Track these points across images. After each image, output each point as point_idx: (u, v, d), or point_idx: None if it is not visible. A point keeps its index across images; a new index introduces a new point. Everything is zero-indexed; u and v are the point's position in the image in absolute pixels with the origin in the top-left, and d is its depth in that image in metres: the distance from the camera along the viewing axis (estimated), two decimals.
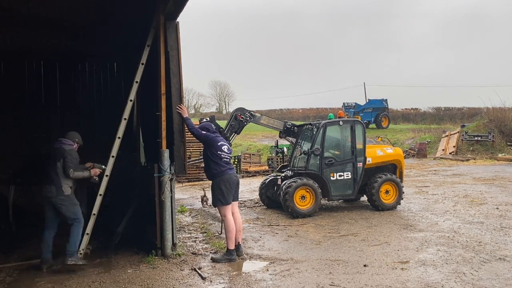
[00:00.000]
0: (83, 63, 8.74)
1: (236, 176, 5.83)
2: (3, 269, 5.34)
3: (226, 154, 5.66)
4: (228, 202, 5.56)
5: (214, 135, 5.77)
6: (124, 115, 5.85)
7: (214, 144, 5.64)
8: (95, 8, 6.01)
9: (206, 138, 5.71)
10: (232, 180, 5.62)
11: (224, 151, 5.64)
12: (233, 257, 5.53)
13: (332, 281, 4.62)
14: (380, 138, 26.64)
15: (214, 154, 5.60)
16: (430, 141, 28.19)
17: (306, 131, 9.65)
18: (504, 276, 4.62)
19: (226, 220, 5.59)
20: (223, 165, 5.60)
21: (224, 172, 5.58)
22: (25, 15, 6.14)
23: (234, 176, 5.72)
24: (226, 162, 5.65)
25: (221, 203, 5.55)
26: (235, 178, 5.72)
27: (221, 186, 5.53)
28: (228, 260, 5.48)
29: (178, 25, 5.80)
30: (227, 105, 61.59)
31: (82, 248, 5.48)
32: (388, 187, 8.90)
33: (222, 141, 5.75)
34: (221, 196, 5.52)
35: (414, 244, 6.09)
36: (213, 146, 5.64)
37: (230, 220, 5.57)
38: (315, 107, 50.41)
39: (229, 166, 5.70)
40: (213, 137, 5.71)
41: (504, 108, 28.03)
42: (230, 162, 5.79)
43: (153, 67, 5.86)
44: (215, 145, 5.63)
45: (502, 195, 10.42)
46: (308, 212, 8.40)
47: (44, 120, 8.53)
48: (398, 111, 45.91)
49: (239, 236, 5.71)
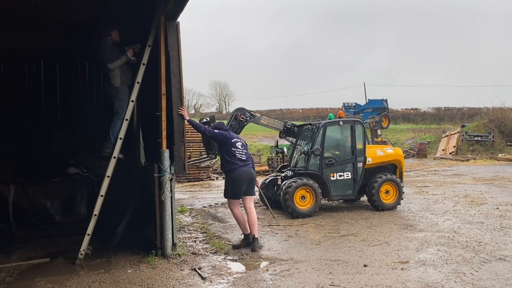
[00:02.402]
0: (83, 63, 8.73)
1: (250, 172, 6.08)
2: (3, 269, 5.33)
3: (240, 150, 5.98)
4: (234, 197, 6.04)
5: (227, 133, 6.13)
6: (126, 115, 5.85)
7: (228, 142, 5.99)
8: (96, 8, 6.01)
9: (222, 136, 6.07)
10: (243, 177, 5.96)
11: (238, 147, 5.98)
12: (249, 241, 5.98)
13: (332, 281, 4.62)
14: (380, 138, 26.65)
15: (228, 151, 5.96)
16: (430, 141, 28.22)
17: (306, 131, 9.65)
18: (504, 276, 4.62)
19: (232, 213, 6.14)
20: (236, 162, 5.94)
21: (235, 170, 5.93)
22: (25, 15, 6.14)
23: (246, 172, 5.99)
24: (239, 159, 5.97)
25: (228, 196, 6.09)
26: (247, 174, 6.01)
27: (230, 182, 6.02)
28: (247, 244, 5.97)
29: (178, 25, 5.81)
30: (227, 105, 61.61)
31: (83, 249, 5.48)
32: (388, 187, 8.90)
33: (235, 138, 6.10)
34: (231, 189, 6.03)
35: (414, 244, 6.09)
36: (227, 144, 5.98)
37: (235, 213, 6.11)
38: (315, 107, 50.48)
39: (241, 163, 5.98)
40: (227, 135, 6.07)
41: (504, 108, 28.08)
42: (244, 158, 6.03)
43: (153, 67, 5.86)
44: (229, 142, 5.99)
45: (502, 195, 10.43)
46: (308, 212, 8.40)
47: (44, 120, 8.52)
48: (398, 111, 45.95)
49: (253, 229, 6.03)
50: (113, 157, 5.70)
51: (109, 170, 5.66)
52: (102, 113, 8.64)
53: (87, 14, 6.21)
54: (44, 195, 7.24)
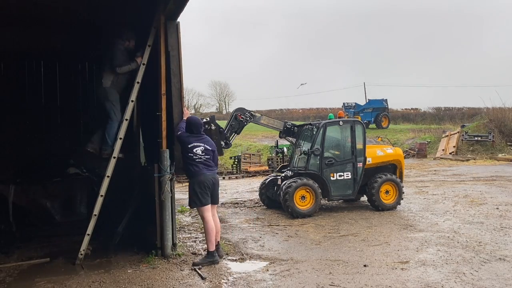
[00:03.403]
0: (83, 63, 8.73)
1: (214, 177, 5.60)
2: (3, 269, 5.33)
3: (200, 155, 5.43)
4: (203, 203, 5.42)
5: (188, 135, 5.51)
6: (126, 115, 5.84)
7: (185, 146, 5.47)
8: (96, 8, 6.01)
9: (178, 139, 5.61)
10: (207, 182, 5.44)
11: (197, 153, 5.43)
12: (215, 258, 5.41)
13: (332, 281, 4.62)
14: (380, 138, 26.64)
15: (185, 155, 5.48)
16: (430, 141, 28.20)
17: (306, 131, 9.65)
18: (504, 276, 4.62)
19: (205, 221, 5.47)
20: (197, 166, 5.42)
21: (198, 173, 5.42)
22: (25, 15, 6.14)
23: (211, 177, 5.50)
24: (201, 163, 5.44)
25: (196, 205, 5.46)
26: (212, 179, 5.51)
27: (195, 187, 5.41)
28: (211, 263, 5.35)
29: (178, 25, 5.81)
30: (227, 105, 61.60)
31: (83, 249, 5.48)
32: (388, 187, 8.90)
33: (197, 142, 5.48)
34: (196, 197, 5.41)
35: (414, 244, 6.09)
36: (183, 148, 5.50)
37: (209, 221, 5.45)
38: (315, 107, 50.47)
39: (204, 168, 5.46)
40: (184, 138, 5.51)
41: (504, 108, 28.03)
42: (208, 163, 5.50)
43: (153, 67, 5.86)
44: (186, 146, 5.46)
45: (502, 195, 10.43)
46: (308, 212, 8.40)
47: (44, 120, 8.52)
48: (398, 111, 45.94)
49: (217, 236, 5.62)
50: (113, 157, 5.70)
51: (109, 170, 5.65)
52: (102, 113, 8.65)
53: (87, 14, 6.21)
54: (44, 195, 7.23)
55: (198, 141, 5.49)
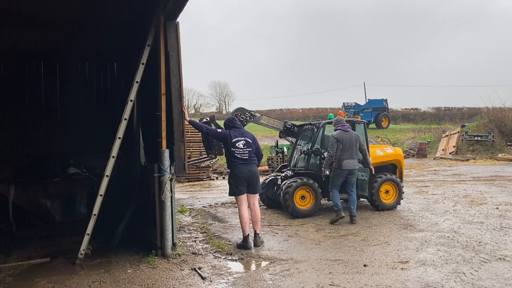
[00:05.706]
0: (83, 63, 8.73)
1: (251, 169, 6.14)
2: (3, 269, 5.33)
3: (242, 149, 6.10)
4: (237, 193, 6.11)
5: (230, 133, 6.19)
6: (125, 115, 5.84)
7: (229, 142, 6.13)
8: (95, 7, 6.01)
9: (222, 137, 6.27)
10: (242, 174, 6.07)
11: (238, 147, 6.10)
12: (247, 245, 6.02)
13: (332, 281, 4.62)
14: (380, 138, 26.66)
15: (228, 151, 6.18)
16: (430, 141, 28.21)
17: (306, 131, 9.65)
18: (504, 276, 4.62)
19: (239, 209, 6.19)
20: (235, 160, 6.10)
21: (234, 167, 6.09)
22: (25, 15, 6.14)
23: (247, 170, 6.09)
24: (239, 158, 6.09)
25: (232, 193, 6.20)
26: (247, 171, 6.09)
27: (230, 178, 6.17)
28: (242, 247, 6.02)
29: (178, 25, 5.80)
30: (227, 105, 61.67)
31: (83, 249, 5.48)
32: (388, 187, 8.90)
33: (238, 137, 6.16)
34: (231, 188, 6.16)
35: (414, 244, 6.09)
36: (227, 144, 6.16)
37: (241, 210, 6.14)
38: (315, 107, 50.50)
39: (241, 162, 6.09)
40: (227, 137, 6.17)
41: (504, 108, 28.08)
42: (245, 157, 6.12)
43: (153, 67, 5.86)
44: (229, 142, 6.12)
45: (502, 195, 10.43)
46: (308, 212, 8.39)
47: (44, 120, 8.52)
48: (398, 111, 45.97)
49: (256, 226, 6.22)
50: (112, 156, 5.70)
51: (108, 169, 5.65)
52: (102, 113, 8.65)
53: (87, 14, 6.21)
54: (44, 195, 7.22)
55: (239, 135, 6.19)
